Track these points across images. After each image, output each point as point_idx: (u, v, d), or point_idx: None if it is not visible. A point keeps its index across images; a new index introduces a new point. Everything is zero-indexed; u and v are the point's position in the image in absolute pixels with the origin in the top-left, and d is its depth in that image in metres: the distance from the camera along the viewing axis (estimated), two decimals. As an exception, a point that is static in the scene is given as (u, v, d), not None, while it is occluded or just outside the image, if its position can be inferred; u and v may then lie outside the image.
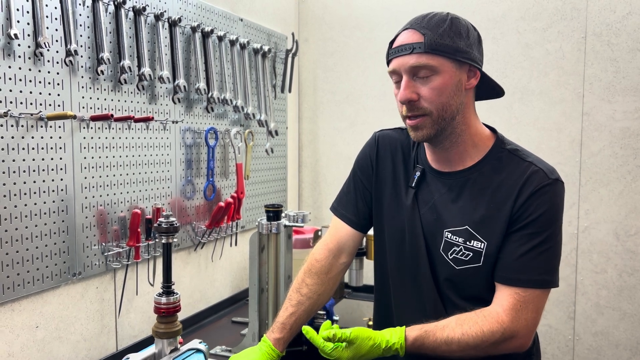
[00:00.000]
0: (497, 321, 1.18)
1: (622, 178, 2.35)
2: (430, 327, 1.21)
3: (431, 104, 1.20)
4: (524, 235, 1.20)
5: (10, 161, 1.40)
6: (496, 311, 1.20)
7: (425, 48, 1.18)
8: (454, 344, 1.18)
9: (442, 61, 1.18)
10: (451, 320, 1.21)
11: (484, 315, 1.20)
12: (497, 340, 1.18)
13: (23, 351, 1.48)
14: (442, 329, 1.20)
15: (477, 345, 1.18)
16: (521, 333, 1.19)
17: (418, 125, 1.23)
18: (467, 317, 1.21)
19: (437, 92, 1.19)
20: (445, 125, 1.23)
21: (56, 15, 1.50)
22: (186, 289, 2.10)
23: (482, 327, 1.18)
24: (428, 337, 1.20)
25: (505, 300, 1.20)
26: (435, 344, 1.19)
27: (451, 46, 1.18)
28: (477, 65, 1.22)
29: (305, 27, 2.94)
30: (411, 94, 1.20)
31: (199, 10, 2.08)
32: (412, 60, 1.19)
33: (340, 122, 2.90)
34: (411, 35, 1.21)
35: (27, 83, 1.43)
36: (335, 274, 1.46)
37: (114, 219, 1.73)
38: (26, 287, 1.46)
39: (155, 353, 1.39)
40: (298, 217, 1.85)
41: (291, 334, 1.40)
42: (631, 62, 2.30)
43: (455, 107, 1.22)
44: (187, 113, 2.04)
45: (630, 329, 2.37)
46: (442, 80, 1.19)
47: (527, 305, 1.19)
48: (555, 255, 1.22)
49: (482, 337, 1.18)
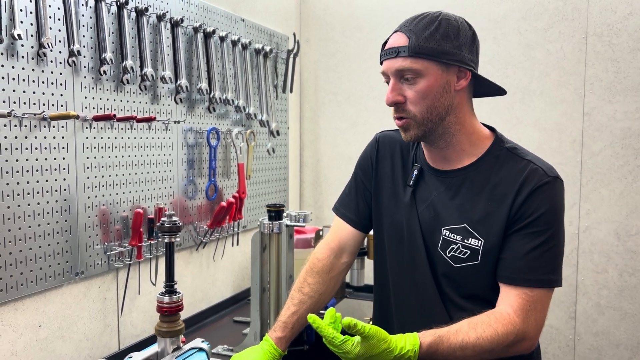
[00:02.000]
0: (510, 322, 1.16)
1: (623, 178, 2.35)
2: (444, 333, 1.16)
3: (416, 106, 1.22)
4: (527, 234, 1.20)
5: (13, 161, 1.41)
6: (507, 312, 1.18)
7: (409, 52, 1.19)
8: (469, 348, 1.14)
9: (426, 64, 1.19)
10: (463, 324, 1.17)
11: (496, 317, 1.17)
12: (511, 342, 1.16)
13: (26, 350, 1.48)
14: (455, 334, 1.15)
15: (492, 348, 1.15)
16: (531, 334, 1.18)
17: (404, 126, 1.26)
18: (479, 320, 1.18)
19: (422, 95, 1.21)
20: (433, 126, 1.24)
21: (59, 15, 1.51)
22: (188, 288, 2.10)
23: (497, 329, 1.15)
24: (442, 342, 1.14)
25: (514, 301, 1.19)
26: (450, 349, 1.14)
27: (436, 49, 1.18)
28: (466, 66, 1.22)
29: (307, 28, 2.94)
30: (397, 96, 1.23)
31: (201, 11, 2.08)
32: (397, 64, 1.20)
33: (342, 123, 2.90)
34: (398, 38, 1.22)
35: (30, 83, 1.44)
36: (336, 273, 1.47)
37: (117, 218, 1.73)
38: (29, 287, 1.46)
39: (158, 352, 1.40)
40: (299, 216, 1.86)
41: (293, 333, 1.41)
42: (632, 62, 2.31)
43: (443, 109, 1.23)
44: (189, 113, 2.05)
45: (631, 329, 2.37)
46: (427, 83, 1.20)
47: (535, 305, 1.19)
48: (559, 254, 1.22)
49: (497, 340, 1.15)
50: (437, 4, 2.43)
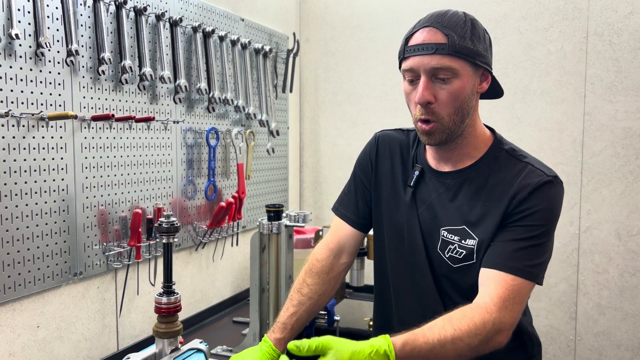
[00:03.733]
0: (486, 311, 1.12)
1: (623, 178, 2.34)
2: (417, 330, 1.11)
3: (446, 108, 1.19)
4: (519, 227, 1.19)
5: (11, 161, 1.40)
6: (484, 301, 1.15)
7: (449, 50, 1.15)
8: (448, 342, 1.09)
9: (463, 64, 1.17)
10: (437, 320, 1.13)
11: (471, 308, 1.14)
12: (488, 332, 1.11)
13: (24, 351, 1.48)
14: (430, 329, 1.11)
15: (470, 341, 1.10)
16: (507, 325, 1.14)
17: (430, 131, 1.21)
18: (453, 313, 1.14)
19: (454, 96, 1.18)
20: (455, 129, 1.22)
21: (57, 15, 1.50)
22: (187, 288, 2.10)
23: (473, 318, 1.11)
24: (417, 339, 1.09)
25: (494, 289, 1.15)
26: (428, 345, 1.08)
27: (472, 49, 1.17)
28: (490, 69, 1.22)
29: (307, 27, 2.94)
30: (429, 95, 1.18)
31: (200, 10, 2.08)
32: (434, 62, 1.16)
33: (342, 122, 2.89)
34: (433, 34, 1.17)
35: (28, 83, 1.43)
36: (336, 273, 1.46)
37: (115, 218, 1.73)
38: (27, 287, 1.46)
39: (156, 353, 1.39)
40: (299, 217, 1.85)
41: (292, 334, 1.40)
42: (633, 61, 2.30)
43: (467, 111, 1.22)
44: (188, 113, 2.04)
45: (632, 329, 2.36)
46: (461, 83, 1.18)
47: (515, 295, 1.15)
48: (546, 252, 1.21)
49: (475, 330, 1.10)
50: (438, 4, 2.42)
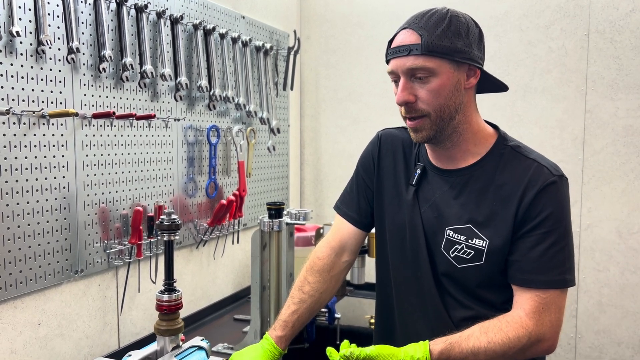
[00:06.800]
0: (521, 326, 1.16)
1: (624, 176, 2.34)
2: (455, 339, 1.17)
3: (428, 105, 1.19)
4: (537, 235, 1.19)
5: (12, 159, 1.40)
6: (519, 315, 1.18)
7: (422, 50, 1.15)
8: (481, 353, 1.15)
9: (439, 63, 1.16)
10: (475, 330, 1.18)
11: (507, 321, 1.17)
12: (524, 345, 1.16)
13: (25, 348, 1.48)
14: (467, 339, 1.16)
15: (504, 352, 1.15)
16: (547, 335, 1.17)
17: (417, 127, 1.22)
18: (490, 324, 1.18)
19: (435, 94, 1.18)
20: (444, 126, 1.22)
21: (58, 12, 1.50)
22: (188, 286, 2.10)
23: (507, 333, 1.15)
24: (453, 349, 1.15)
25: (526, 304, 1.18)
26: (462, 355, 1.15)
27: (449, 47, 1.16)
28: (476, 64, 1.21)
29: (307, 25, 2.93)
30: (408, 95, 1.19)
31: (201, 8, 2.07)
32: (409, 62, 1.17)
33: (343, 120, 2.89)
34: (408, 35, 1.19)
35: (29, 80, 1.43)
36: (337, 272, 1.46)
37: (116, 216, 1.73)
38: (28, 285, 1.46)
39: (157, 350, 1.39)
40: (300, 214, 1.85)
41: (293, 332, 1.40)
42: (634, 59, 2.29)
43: (454, 108, 1.21)
44: (189, 111, 2.04)
45: (632, 327, 2.36)
46: (440, 81, 1.18)
47: (549, 307, 1.18)
48: (570, 253, 1.21)
49: (509, 344, 1.15)
50: (439, 1, 2.41)
